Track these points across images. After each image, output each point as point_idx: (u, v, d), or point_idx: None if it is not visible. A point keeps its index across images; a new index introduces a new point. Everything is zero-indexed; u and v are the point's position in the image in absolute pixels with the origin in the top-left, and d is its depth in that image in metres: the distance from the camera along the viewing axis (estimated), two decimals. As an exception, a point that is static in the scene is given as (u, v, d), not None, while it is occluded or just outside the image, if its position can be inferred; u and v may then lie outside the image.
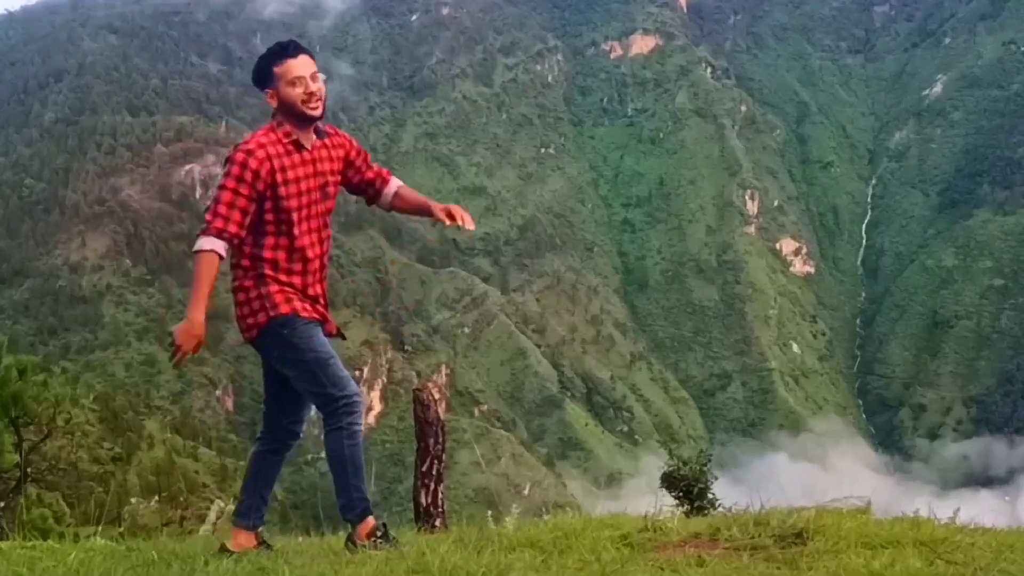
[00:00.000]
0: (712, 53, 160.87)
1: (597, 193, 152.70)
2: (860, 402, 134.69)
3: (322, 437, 4.79)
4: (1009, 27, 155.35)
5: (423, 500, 5.68)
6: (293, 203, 4.50)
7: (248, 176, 4.38)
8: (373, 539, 4.56)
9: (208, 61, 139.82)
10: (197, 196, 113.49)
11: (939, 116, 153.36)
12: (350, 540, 4.61)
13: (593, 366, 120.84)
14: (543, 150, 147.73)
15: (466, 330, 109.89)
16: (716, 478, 8.81)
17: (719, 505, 7.63)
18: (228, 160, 4.52)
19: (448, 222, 4.72)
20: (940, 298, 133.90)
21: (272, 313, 4.51)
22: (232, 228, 4.40)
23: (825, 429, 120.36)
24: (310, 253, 4.60)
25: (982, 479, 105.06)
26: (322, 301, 4.74)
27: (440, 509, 5.69)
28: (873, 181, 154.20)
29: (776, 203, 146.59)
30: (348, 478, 4.63)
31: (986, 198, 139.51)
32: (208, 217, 4.44)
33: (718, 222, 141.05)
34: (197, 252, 4.45)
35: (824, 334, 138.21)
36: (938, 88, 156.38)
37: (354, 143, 4.83)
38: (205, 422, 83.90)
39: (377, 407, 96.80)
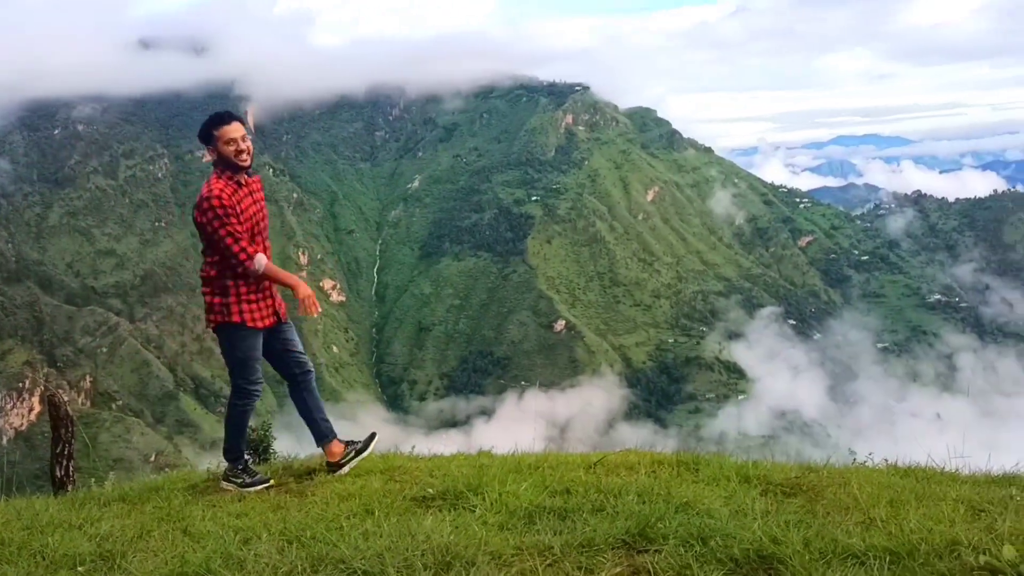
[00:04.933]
0: (273, 159, 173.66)
1: (198, 252, 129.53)
2: (377, 381, 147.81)
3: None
4: (456, 147, 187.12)
5: (58, 472, 6.22)
6: (247, 225, 5.23)
7: (231, 211, 5.12)
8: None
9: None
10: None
11: (417, 201, 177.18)
12: (225, 476, 5.59)
13: (200, 369, 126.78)
14: (157, 223, 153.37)
15: (104, 350, 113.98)
16: (275, 438, 8.89)
17: (276, 457, 7.99)
18: (204, 209, 5.16)
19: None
20: (423, 313, 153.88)
21: (226, 319, 5.36)
22: (250, 246, 5.21)
23: (356, 399, 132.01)
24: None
25: (451, 423, 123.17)
26: (271, 291, 5.48)
27: (71, 478, 6.22)
28: (380, 242, 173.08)
29: (319, 256, 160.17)
30: (228, 431, 5.63)
31: (447, 251, 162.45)
32: (238, 251, 5.16)
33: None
34: (259, 269, 5.24)
35: (353, 339, 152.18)
36: (416, 183, 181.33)
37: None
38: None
39: (37, 408, 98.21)
